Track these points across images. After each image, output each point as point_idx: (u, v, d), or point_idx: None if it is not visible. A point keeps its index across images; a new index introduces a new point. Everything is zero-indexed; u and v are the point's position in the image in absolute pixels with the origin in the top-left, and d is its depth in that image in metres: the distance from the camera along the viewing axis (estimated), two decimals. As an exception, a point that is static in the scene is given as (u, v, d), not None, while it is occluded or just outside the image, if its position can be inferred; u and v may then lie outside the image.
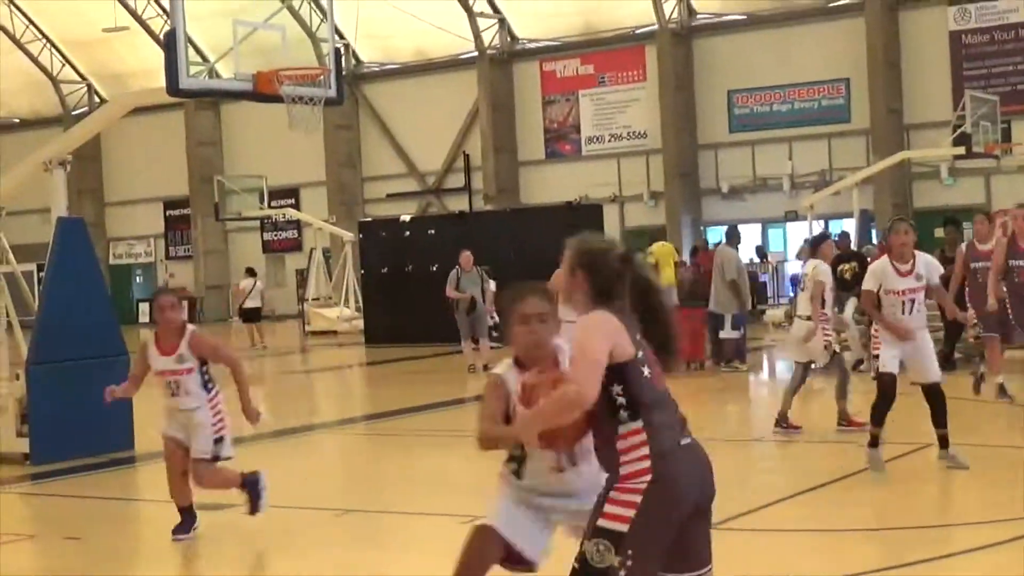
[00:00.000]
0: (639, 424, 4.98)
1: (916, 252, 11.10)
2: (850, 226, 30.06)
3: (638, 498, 4.97)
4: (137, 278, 52.10)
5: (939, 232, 22.41)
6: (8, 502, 12.43)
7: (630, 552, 4.97)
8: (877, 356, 11.13)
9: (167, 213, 50.46)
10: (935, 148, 31.02)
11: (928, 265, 11.10)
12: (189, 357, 9.47)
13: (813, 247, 14.40)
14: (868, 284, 11.12)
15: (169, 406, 9.67)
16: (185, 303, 9.80)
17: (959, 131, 26.99)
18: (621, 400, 4.99)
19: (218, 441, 9.61)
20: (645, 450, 4.98)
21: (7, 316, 15.01)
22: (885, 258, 11.21)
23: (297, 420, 18.15)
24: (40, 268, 19.31)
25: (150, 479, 13.60)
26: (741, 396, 18.81)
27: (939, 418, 10.89)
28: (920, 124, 35.07)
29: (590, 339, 4.97)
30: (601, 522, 5.04)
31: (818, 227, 30.94)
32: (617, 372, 4.97)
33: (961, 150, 27.16)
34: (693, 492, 5.07)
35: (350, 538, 10.00)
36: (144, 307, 49.30)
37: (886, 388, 10.86)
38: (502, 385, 5.61)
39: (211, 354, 9.64)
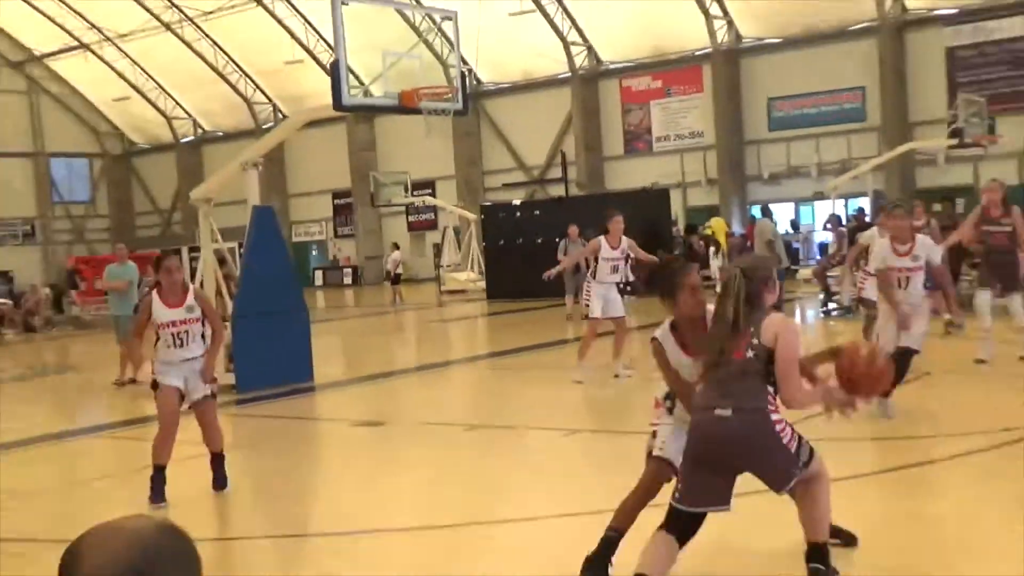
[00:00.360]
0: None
1: (918, 235, 9.77)
2: (864, 203, 29.55)
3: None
4: (313, 251, 52.76)
5: (937, 207, 21.95)
6: (222, 421, 12.72)
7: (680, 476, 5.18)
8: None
9: (335, 202, 50.99)
10: (933, 140, 30.26)
11: (928, 248, 9.69)
12: (196, 308, 8.28)
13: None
14: (875, 263, 9.96)
15: (171, 358, 8.25)
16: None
17: (953, 127, 26.36)
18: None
19: (213, 380, 8.48)
20: None
21: (218, 281, 15.34)
22: (887, 239, 9.83)
23: (435, 357, 18.37)
24: (240, 245, 19.65)
25: (326, 403, 13.91)
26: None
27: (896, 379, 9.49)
28: (922, 121, 34.16)
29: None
30: None
31: (840, 205, 30.42)
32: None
33: (955, 141, 26.52)
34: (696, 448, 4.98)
35: (477, 447, 10.09)
36: (319, 274, 50.05)
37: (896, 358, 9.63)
38: (663, 351, 5.48)
39: (208, 310, 8.42)
